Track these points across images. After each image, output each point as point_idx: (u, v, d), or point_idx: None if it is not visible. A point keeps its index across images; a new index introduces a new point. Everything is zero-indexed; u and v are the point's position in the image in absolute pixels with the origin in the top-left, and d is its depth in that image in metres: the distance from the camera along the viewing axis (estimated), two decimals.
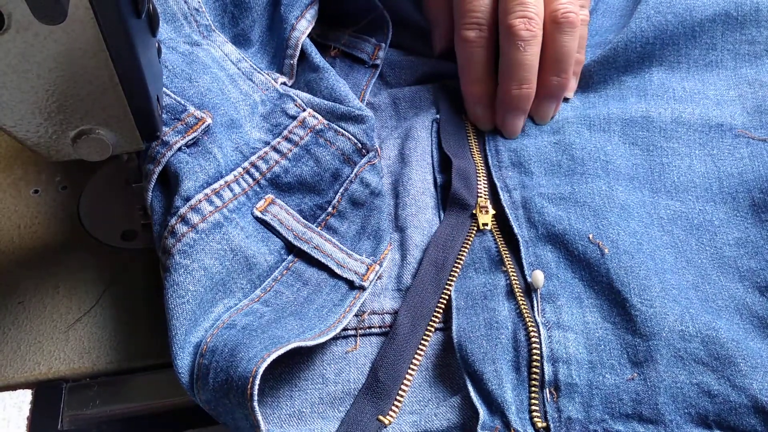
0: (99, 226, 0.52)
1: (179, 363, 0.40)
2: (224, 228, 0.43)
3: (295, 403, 0.41)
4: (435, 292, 0.44)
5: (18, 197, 0.54)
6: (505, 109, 0.51)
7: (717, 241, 0.46)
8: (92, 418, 0.44)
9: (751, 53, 0.54)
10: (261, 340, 0.38)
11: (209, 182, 0.44)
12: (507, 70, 0.50)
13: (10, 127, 0.38)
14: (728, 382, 0.38)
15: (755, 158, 0.49)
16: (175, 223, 0.42)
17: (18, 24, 0.34)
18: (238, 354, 0.38)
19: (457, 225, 0.47)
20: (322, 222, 0.47)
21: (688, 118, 0.51)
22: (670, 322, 0.40)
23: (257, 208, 0.45)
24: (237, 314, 0.41)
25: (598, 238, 0.44)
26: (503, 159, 0.50)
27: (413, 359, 0.42)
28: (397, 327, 0.43)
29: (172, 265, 0.41)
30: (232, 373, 0.37)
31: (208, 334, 0.40)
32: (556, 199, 0.47)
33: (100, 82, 0.37)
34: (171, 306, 0.40)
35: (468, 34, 0.50)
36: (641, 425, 0.38)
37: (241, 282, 0.43)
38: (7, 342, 0.46)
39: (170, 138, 0.44)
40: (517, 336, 0.41)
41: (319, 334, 0.40)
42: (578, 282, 0.43)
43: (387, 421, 0.40)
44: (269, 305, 0.42)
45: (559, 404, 0.39)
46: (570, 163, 0.49)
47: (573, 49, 0.50)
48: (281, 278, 0.44)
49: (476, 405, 0.39)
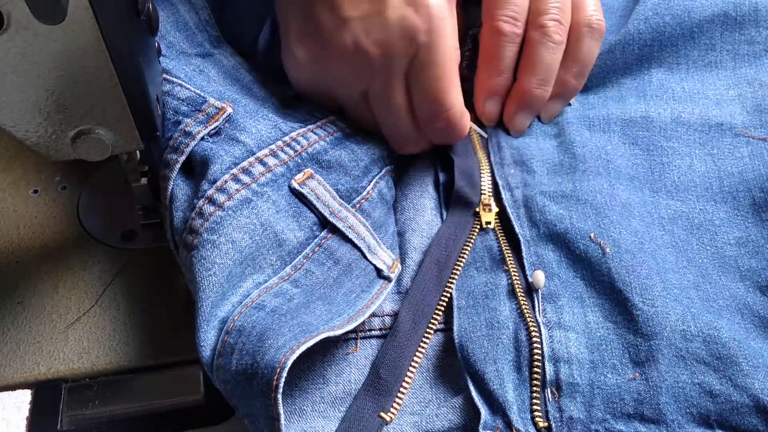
0: (98, 226, 0.52)
1: (202, 336, 0.39)
2: (253, 203, 0.43)
3: (296, 401, 0.40)
4: (436, 290, 0.44)
5: (18, 197, 0.54)
6: (518, 106, 0.51)
7: (717, 240, 0.46)
8: (92, 418, 0.44)
9: (750, 53, 0.54)
10: (290, 327, 0.38)
11: (236, 162, 0.44)
12: (531, 68, 0.50)
13: (9, 127, 0.38)
14: (730, 381, 0.38)
15: (755, 157, 0.49)
16: (203, 204, 0.42)
17: (18, 24, 0.34)
18: (266, 340, 0.37)
19: (460, 223, 0.47)
20: (357, 204, 0.46)
21: (687, 118, 0.52)
22: (671, 321, 0.40)
23: (296, 180, 0.45)
24: (266, 293, 0.41)
25: (599, 237, 0.44)
26: (505, 156, 0.50)
27: (414, 356, 0.42)
28: (398, 324, 0.43)
29: (200, 243, 0.41)
30: (258, 359, 0.37)
31: (236, 311, 0.40)
32: (558, 197, 0.47)
33: (100, 82, 0.37)
34: (198, 279, 0.40)
35: (504, 26, 0.50)
36: (643, 425, 0.38)
37: (271, 258, 0.43)
38: (6, 342, 0.46)
39: (193, 128, 0.45)
40: (518, 336, 0.41)
41: (347, 320, 0.40)
42: (580, 281, 0.43)
43: (388, 417, 0.40)
44: (299, 286, 0.42)
45: (560, 404, 0.39)
46: (571, 161, 0.49)
47: (596, 55, 0.52)
48: (312, 255, 0.44)
49: (478, 405, 0.39)
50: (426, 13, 0.45)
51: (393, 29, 0.45)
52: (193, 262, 0.41)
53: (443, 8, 0.46)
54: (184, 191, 0.44)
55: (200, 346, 0.39)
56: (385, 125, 0.49)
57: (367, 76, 0.47)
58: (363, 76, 0.47)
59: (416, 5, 0.45)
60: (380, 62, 0.46)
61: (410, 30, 0.45)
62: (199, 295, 0.40)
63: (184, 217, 0.43)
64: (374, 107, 0.48)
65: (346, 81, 0.48)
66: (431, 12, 0.45)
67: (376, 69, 0.46)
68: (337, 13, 0.46)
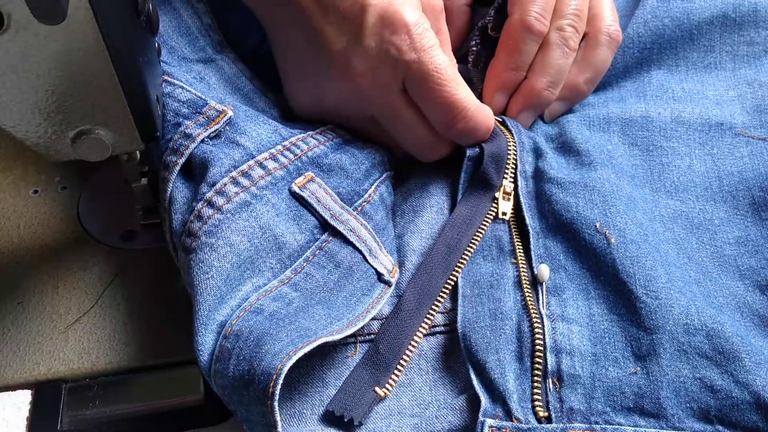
0: (98, 227, 0.52)
1: (200, 340, 0.39)
2: (252, 206, 0.43)
3: (295, 405, 0.40)
4: (444, 273, 0.44)
5: (18, 197, 0.54)
6: (525, 103, 0.51)
7: (717, 239, 0.46)
8: (92, 418, 0.44)
9: (749, 54, 0.55)
10: (288, 332, 0.38)
11: (236, 166, 0.44)
12: (544, 69, 0.50)
13: (9, 127, 0.38)
14: (731, 377, 0.38)
15: (755, 157, 0.49)
16: (201, 207, 0.42)
17: (18, 24, 0.34)
18: (263, 345, 0.37)
19: (477, 206, 0.47)
20: (359, 207, 0.46)
21: (687, 118, 0.52)
22: (675, 314, 0.40)
23: (296, 183, 0.45)
24: (265, 297, 0.41)
25: (605, 227, 0.44)
26: (524, 142, 0.50)
27: (415, 336, 0.42)
28: (402, 303, 0.43)
29: (199, 246, 0.41)
30: (255, 365, 0.37)
31: (234, 315, 0.39)
32: (566, 183, 0.46)
33: (100, 82, 0.37)
34: (196, 283, 0.40)
35: (534, 22, 0.49)
36: (643, 419, 0.38)
37: (270, 261, 0.42)
38: (6, 342, 0.46)
39: (193, 130, 0.44)
40: (521, 327, 0.41)
41: (347, 325, 0.40)
42: (586, 273, 0.43)
43: (383, 393, 0.40)
44: (299, 290, 0.42)
45: (561, 394, 0.39)
46: (576, 156, 0.49)
47: (609, 65, 0.52)
48: (313, 258, 0.43)
49: (478, 393, 0.39)
50: (404, 30, 0.44)
51: (374, 56, 0.45)
52: (191, 265, 0.41)
53: (420, 20, 0.45)
54: (184, 194, 0.44)
55: (198, 350, 0.39)
56: (404, 142, 0.49)
57: (366, 104, 0.47)
58: (362, 105, 0.47)
59: (392, 26, 0.44)
60: (372, 91, 0.46)
61: (392, 53, 0.44)
62: (197, 299, 0.40)
63: (183, 219, 0.43)
64: (386, 128, 0.48)
65: (347, 113, 0.49)
66: (409, 28, 0.44)
67: (371, 97, 0.46)
68: (324, 49, 0.46)
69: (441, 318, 0.44)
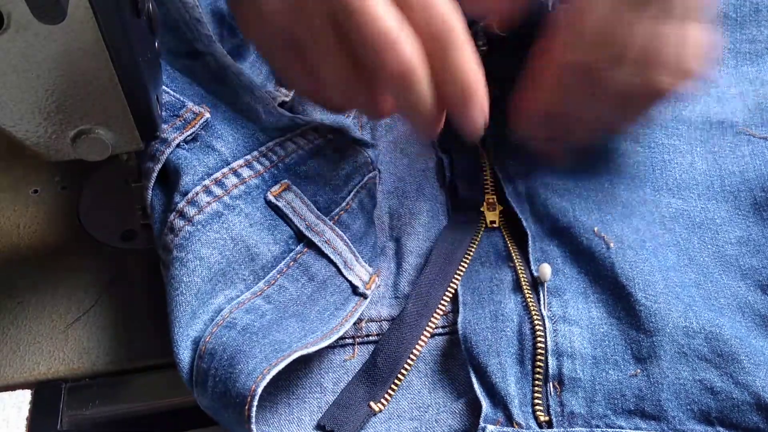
0: (98, 226, 0.52)
1: (179, 358, 0.39)
2: (224, 216, 0.42)
3: (294, 411, 0.40)
4: (442, 285, 0.44)
5: (18, 197, 0.54)
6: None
7: (719, 239, 0.46)
8: (92, 418, 0.44)
9: (751, 52, 0.55)
10: (261, 347, 0.38)
11: (210, 173, 0.43)
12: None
13: (9, 127, 0.38)
14: (731, 379, 0.38)
15: (756, 156, 0.49)
16: (173, 218, 0.41)
17: (18, 24, 0.34)
18: (237, 365, 0.37)
19: (465, 222, 0.47)
20: (336, 216, 0.45)
21: (688, 116, 0.51)
22: (674, 317, 0.40)
23: (272, 192, 0.44)
24: (238, 310, 0.40)
25: (603, 232, 0.44)
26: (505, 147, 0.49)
27: (413, 349, 0.42)
28: (403, 317, 0.43)
29: (170, 261, 0.41)
30: (230, 386, 0.36)
31: (207, 331, 0.39)
32: (561, 190, 0.46)
33: (100, 82, 0.37)
34: (168, 300, 0.40)
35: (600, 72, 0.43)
36: (643, 421, 0.38)
37: (243, 273, 0.42)
38: (6, 342, 0.46)
39: (169, 135, 0.44)
40: (522, 329, 0.41)
41: (321, 337, 0.39)
42: (584, 277, 0.43)
43: (377, 408, 0.40)
44: (272, 302, 0.42)
45: (562, 398, 0.39)
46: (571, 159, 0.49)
47: None
48: (287, 271, 0.43)
49: (479, 397, 0.39)
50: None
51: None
52: (165, 281, 0.41)
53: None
54: (162, 201, 0.43)
55: (179, 368, 0.39)
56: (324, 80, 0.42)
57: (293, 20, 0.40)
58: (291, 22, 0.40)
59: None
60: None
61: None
62: (170, 316, 0.40)
63: (160, 229, 0.42)
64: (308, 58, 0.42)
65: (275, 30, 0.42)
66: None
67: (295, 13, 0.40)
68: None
69: (441, 320, 0.44)
